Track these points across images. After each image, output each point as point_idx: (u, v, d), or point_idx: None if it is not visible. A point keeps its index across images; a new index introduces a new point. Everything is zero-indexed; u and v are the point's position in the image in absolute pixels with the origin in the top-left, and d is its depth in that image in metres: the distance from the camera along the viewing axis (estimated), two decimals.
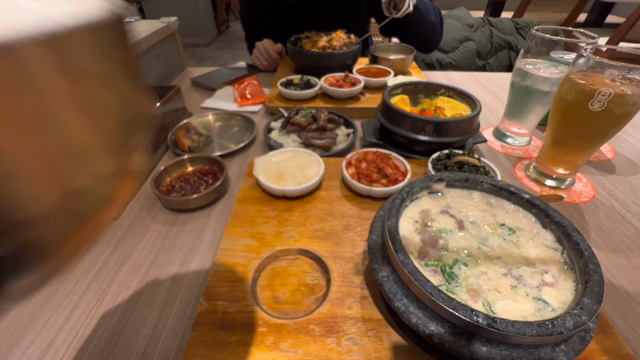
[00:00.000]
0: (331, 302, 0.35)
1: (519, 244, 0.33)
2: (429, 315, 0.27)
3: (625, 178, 0.60)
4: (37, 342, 0.36)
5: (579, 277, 0.29)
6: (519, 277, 0.30)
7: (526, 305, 0.28)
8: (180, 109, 0.77)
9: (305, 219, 0.46)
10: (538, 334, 0.24)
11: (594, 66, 0.46)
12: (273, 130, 0.70)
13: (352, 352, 0.31)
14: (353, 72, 0.90)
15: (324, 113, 0.67)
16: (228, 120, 0.78)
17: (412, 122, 0.57)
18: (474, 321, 0.24)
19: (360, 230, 0.44)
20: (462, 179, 0.39)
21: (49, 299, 0.40)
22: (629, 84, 0.43)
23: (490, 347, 0.25)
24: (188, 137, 0.66)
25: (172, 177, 0.57)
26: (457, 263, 0.32)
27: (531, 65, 0.60)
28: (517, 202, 0.37)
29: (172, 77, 1.07)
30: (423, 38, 1.00)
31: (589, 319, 0.24)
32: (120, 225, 0.51)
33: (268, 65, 1.05)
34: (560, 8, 2.09)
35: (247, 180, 0.54)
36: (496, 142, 0.70)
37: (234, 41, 4.19)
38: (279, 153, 0.56)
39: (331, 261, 0.40)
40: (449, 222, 0.36)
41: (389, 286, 0.30)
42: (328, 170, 0.56)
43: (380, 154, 0.55)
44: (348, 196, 0.51)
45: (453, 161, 0.53)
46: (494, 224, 0.36)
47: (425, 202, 0.39)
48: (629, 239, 0.47)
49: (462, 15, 1.72)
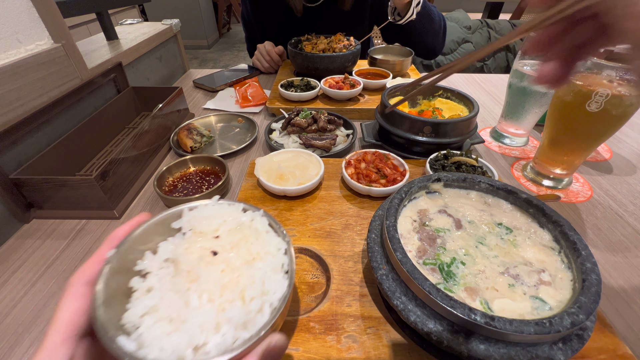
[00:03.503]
0: (331, 300, 0.36)
1: (516, 243, 0.34)
2: (427, 313, 0.28)
3: (623, 178, 0.60)
4: (40, 341, 0.36)
5: (577, 276, 0.30)
6: (517, 276, 0.30)
7: (524, 303, 0.28)
8: (182, 110, 0.78)
9: (306, 218, 0.47)
10: (536, 332, 0.24)
11: (592, 67, 0.46)
12: (274, 131, 0.70)
13: (351, 349, 0.31)
14: (352, 74, 0.91)
15: (324, 114, 0.68)
16: (229, 121, 0.78)
17: (410, 123, 0.58)
18: (471, 319, 0.25)
19: (360, 230, 0.45)
20: (460, 179, 0.40)
21: (51, 298, 0.40)
22: (626, 84, 0.44)
23: (488, 345, 0.26)
24: (190, 137, 0.67)
25: (174, 177, 0.58)
26: (455, 262, 0.32)
27: (529, 66, 0.61)
28: (515, 201, 0.38)
29: (174, 79, 1.08)
30: (425, 46, 1.00)
31: (586, 318, 0.25)
32: None
33: (269, 67, 1.05)
34: None
35: (248, 180, 0.55)
36: (494, 143, 0.70)
37: (235, 43, 4.20)
38: (279, 153, 0.56)
39: (331, 260, 0.40)
40: (446, 222, 0.36)
41: (388, 284, 0.30)
42: (328, 171, 0.56)
43: (379, 154, 0.55)
44: (347, 196, 0.51)
45: (451, 161, 0.53)
46: (492, 223, 0.36)
47: (424, 201, 0.39)
48: (626, 238, 0.47)
49: (460, 17, 1.73)
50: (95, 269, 0.23)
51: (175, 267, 0.24)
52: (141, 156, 0.60)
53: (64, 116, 0.61)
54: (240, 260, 0.24)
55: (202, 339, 0.21)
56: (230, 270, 0.24)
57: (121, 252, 0.24)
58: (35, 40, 0.57)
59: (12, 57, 0.53)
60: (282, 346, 0.21)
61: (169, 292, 0.22)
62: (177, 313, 0.21)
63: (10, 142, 0.50)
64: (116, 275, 0.23)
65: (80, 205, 0.51)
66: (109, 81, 0.74)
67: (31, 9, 0.56)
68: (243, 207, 0.28)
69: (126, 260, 0.24)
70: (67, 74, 0.62)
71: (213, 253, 0.25)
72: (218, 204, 0.28)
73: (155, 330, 0.21)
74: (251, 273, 0.23)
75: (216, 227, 0.26)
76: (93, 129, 0.64)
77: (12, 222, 0.50)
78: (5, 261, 0.45)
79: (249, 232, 0.26)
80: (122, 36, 0.92)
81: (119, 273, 0.23)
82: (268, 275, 0.24)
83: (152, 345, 0.20)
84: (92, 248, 0.47)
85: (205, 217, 0.27)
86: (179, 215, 0.27)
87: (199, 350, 0.20)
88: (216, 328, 0.21)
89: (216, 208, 0.28)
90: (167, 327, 0.21)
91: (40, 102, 0.55)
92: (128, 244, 0.24)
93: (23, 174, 0.48)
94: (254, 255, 0.25)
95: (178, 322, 0.21)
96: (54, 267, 0.44)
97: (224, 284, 0.23)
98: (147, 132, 0.61)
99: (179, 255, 0.24)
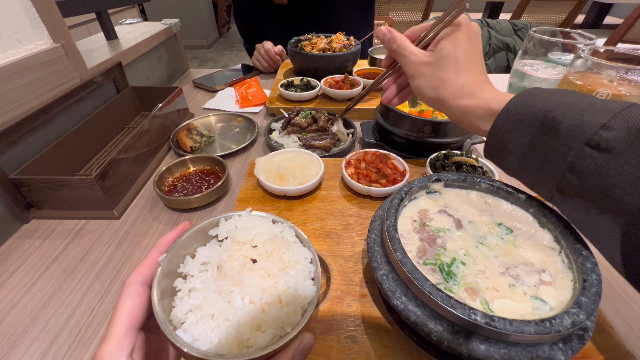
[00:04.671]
0: (331, 300, 0.36)
1: (516, 243, 0.34)
2: (427, 314, 0.28)
3: None
4: (39, 341, 0.36)
5: (577, 276, 0.29)
6: (517, 276, 0.30)
7: (524, 304, 0.28)
8: (182, 110, 0.78)
9: (306, 218, 0.47)
10: (536, 332, 0.24)
11: (592, 67, 0.46)
12: (274, 131, 0.70)
13: (351, 349, 0.31)
14: (352, 74, 0.91)
15: (324, 114, 0.68)
16: (229, 121, 0.78)
17: (410, 122, 0.57)
18: (472, 319, 0.25)
19: (360, 230, 0.45)
20: (460, 179, 0.40)
21: (51, 298, 0.40)
22: (627, 84, 0.44)
23: (488, 345, 0.25)
24: (190, 137, 0.67)
25: (174, 177, 0.58)
26: (455, 262, 0.32)
27: (529, 66, 0.61)
28: (515, 201, 0.38)
29: (174, 79, 1.08)
30: None
31: (586, 318, 0.25)
32: (123, 224, 0.51)
33: (268, 66, 1.05)
34: (558, 9, 2.10)
35: (248, 180, 0.55)
36: None
37: (235, 43, 4.20)
38: (279, 153, 0.56)
39: (331, 260, 0.40)
40: (447, 222, 0.36)
41: (388, 284, 0.30)
42: (328, 171, 0.56)
43: (379, 154, 0.55)
44: (347, 196, 0.51)
45: (451, 161, 0.53)
46: (492, 223, 0.36)
47: (424, 201, 0.39)
48: None
49: None
50: (150, 270, 0.26)
51: (219, 272, 0.27)
52: (141, 156, 0.60)
53: (64, 116, 0.61)
54: (276, 267, 0.28)
55: (247, 335, 0.24)
56: (268, 276, 0.27)
57: (169, 256, 0.27)
58: (35, 40, 0.57)
59: (11, 57, 0.53)
60: (311, 344, 0.24)
61: (212, 293, 0.25)
62: (219, 312, 0.24)
63: (10, 142, 0.50)
64: (165, 277, 0.26)
65: (80, 205, 0.51)
66: (108, 81, 0.74)
67: (31, 8, 0.56)
68: (272, 219, 0.32)
69: (171, 263, 0.27)
70: (67, 73, 0.62)
71: (252, 261, 0.28)
72: (250, 215, 0.32)
73: (199, 327, 0.23)
74: (286, 279, 0.27)
75: (252, 237, 0.30)
76: (93, 129, 0.64)
77: (11, 222, 0.50)
78: (4, 261, 0.45)
79: (281, 242, 0.30)
80: (121, 36, 0.92)
81: (166, 275, 0.26)
82: (299, 282, 0.27)
83: (201, 340, 0.23)
84: (92, 248, 0.47)
85: (242, 227, 0.30)
86: (216, 224, 0.31)
87: (243, 345, 0.23)
88: (258, 326, 0.24)
89: (249, 219, 0.31)
90: (210, 323, 0.24)
91: (40, 102, 0.55)
92: (174, 249, 0.28)
93: (23, 174, 0.48)
94: (286, 264, 0.28)
95: (220, 320, 0.24)
96: (54, 267, 0.44)
97: (264, 288, 0.26)
98: (146, 132, 0.61)
99: (223, 262, 0.27)
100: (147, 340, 0.24)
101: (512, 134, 0.28)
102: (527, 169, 0.29)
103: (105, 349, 0.21)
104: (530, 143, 0.27)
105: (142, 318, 0.24)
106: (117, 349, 0.21)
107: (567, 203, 0.26)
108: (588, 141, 0.23)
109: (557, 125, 0.25)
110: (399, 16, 2.31)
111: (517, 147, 0.28)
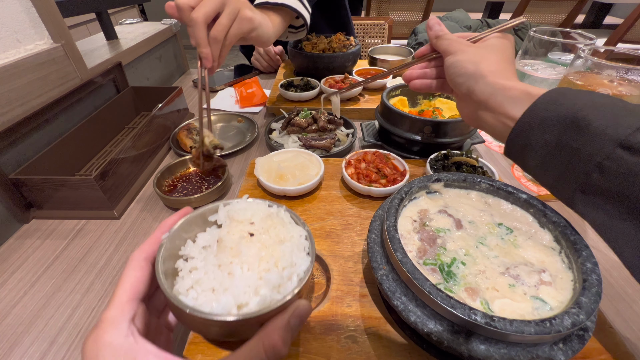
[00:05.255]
0: (331, 300, 0.36)
1: (516, 243, 0.34)
2: (427, 314, 0.28)
3: None
4: (39, 341, 0.36)
5: (577, 276, 0.29)
6: (517, 276, 0.30)
7: (524, 304, 0.28)
8: (182, 110, 0.78)
9: (306, 218, 0.47)
10: (536, 332, 0.24)
11: (592, 67, 0.46)
12: (274, 131, 0.70)
13: (351, 349, 0.31)
14: (352, 74, 0.91)
15: (324, 114, 0.68)
16: (229, 121, 0.78)
17: (410, 123, 0.57)
18: (472, 319, 0.25)
19: (360, 230, 0.45)
20: (460, 179, 0.40)
21: (51, 298, 0.40)
22: (627, 84, 0.44)
23: (488, 345, 0.25)
24: (190, 137, 0.67)
25: (174, 177, 0.58)
26: (455, 262, 0.32)
27: (529, 66, 0.61)
28: (515, 201, 0.38)
29: (174, 79, 1.08)
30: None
31: (586, 318, 0.25)
32: (123, 224, 0.51)
33: (268, 66, 1.05)
34: (558, 9, 2.10)
35: (248, 180, 0.55)
36: (494, 143, 0.70)
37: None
38: (279, 153, 0.56)
39: (331, 260, 0.40)
40: (447, 222, 0.36)
41: (388, 284, 0.30)
42: (328, 171, 0.56)
43: (379, 154, 0.55)
44: (347, 196, 0.51)
45: (451, 161, 0.53)
46: (492, 223, 0.36)
47: (424, 201, 0.39)
48: None
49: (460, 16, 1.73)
50: (152, 248, 0.27)
51: (219, 245, 0.28)
52: (141, 156, 0.60)
53: (64, 116, 0.61)
54: (272, 240, 0.30)
55: (245, 299, 0.25)
56: (265, 247, 0.29)
57: (171, 237, 0.29)
58: (35, 40, 0.57)
59: (11, 57, 0.53)
60: (307, 310, 0.25)
61: (212, 267, 0.27)
62: (219, 284, 0.26)
63: (10, 142, 0.50)
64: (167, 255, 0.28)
65: (80, 205, 0.51)
66: (108, 81, 0.74)
67: (31, 8, 0.56)
68: (269, 204, 0.34)
69: (173, 245, 0.29)
70: (67, 73, 0.62)
71: (250, 234, 0.30)
72: (248, 202, 0.33)
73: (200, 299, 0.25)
74: (282, 249, 0.29)
75: (250, 216, 0.31)
76: (93, 129, 0.64)
77: (11, 222, 0.50)
78: (4, 261, 0.45)
79: (277, 221, 0.31)
80: (121, 36, 0.92)
81: (168, 254, 0.28)
82: (295, 252, 0.29)
83: (203, 305, 0.25)
84: (92, 248, 0.47)
85: (240, 209, 0.32)
86: (215, 210, 0.32)
87: (242, 307, 0.25)
88: (256, 291, 0.26)
89: (247, 203, 0.33)
90: (211, 296, 0.25)
91: (40, 102, 0.55)
92: (175, 231, 0.29)
93: (22, 174, 0.48)
94: (282, 238, 0.30)
95: (221, 291, 0.26)
96: (54, 267, 0.44)
97: (261, 256, 0.28)
98: (146, 132, 0.61)
99: (223, 236, 0.29)
100: (147, 313, 0.25)
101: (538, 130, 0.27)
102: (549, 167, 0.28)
103: (108, 313, 0.23)
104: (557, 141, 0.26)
105: (143, 290, 0.25)
106: (119, 314, 0.23)
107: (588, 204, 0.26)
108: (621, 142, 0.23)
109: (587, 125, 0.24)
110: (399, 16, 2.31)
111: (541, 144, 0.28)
